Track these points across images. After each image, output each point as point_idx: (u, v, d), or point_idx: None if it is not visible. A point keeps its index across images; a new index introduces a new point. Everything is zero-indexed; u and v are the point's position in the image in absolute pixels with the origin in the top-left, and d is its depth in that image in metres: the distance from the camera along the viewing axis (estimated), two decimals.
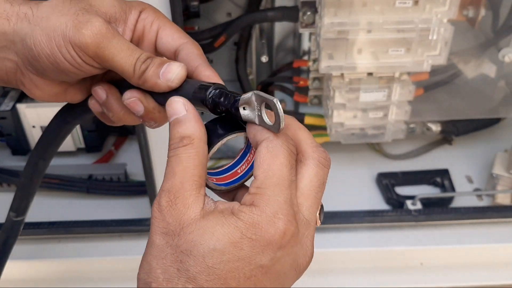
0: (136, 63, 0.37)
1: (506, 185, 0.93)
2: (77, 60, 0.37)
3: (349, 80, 0.87)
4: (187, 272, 0.32)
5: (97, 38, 0.36)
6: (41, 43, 0.36)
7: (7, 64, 0.39)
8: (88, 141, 1.04)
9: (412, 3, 0.76)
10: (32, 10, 0.37)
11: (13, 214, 0.52)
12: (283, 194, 0.33)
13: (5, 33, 0.37)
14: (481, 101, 1.05)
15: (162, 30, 0.41)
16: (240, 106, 0.34)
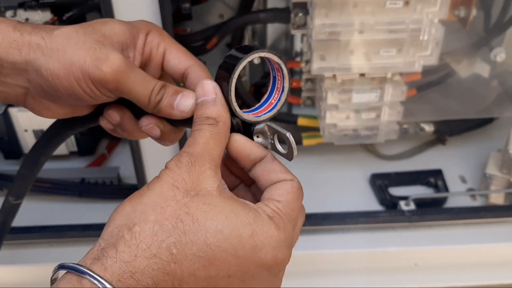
0: (152, 95, 0.39)
1: (500, 185, 0.93)
2: (96, 93, 0.38)
3: (342, 81, 0.87)
4: (181, 234, 0.32)
5: (117, 75, 0.37)
6: (59, 77, 0.37)
7: (18, 90, 0.40)
8: (81, 144, 1.04)
9: (403, 3, 0.76)
10: (45, 41, 0.38)
11: (13, 198, 0.55)
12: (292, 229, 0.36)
13: (16, 63, 0.38)
14: (474, 101, 1.05)
15: (168, 53, 0.42)
16: (254, 135, 0.38)
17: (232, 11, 1.04)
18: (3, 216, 0.57)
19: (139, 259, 0.31)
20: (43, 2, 0.94)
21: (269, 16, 0.89)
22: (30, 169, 0.53)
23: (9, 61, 0.38)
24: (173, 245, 0.31)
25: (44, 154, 0.51)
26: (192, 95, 0.39)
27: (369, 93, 0.87)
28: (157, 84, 0.39)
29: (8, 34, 0.38)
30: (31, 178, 0.53)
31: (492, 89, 1.05)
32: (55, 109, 0.41)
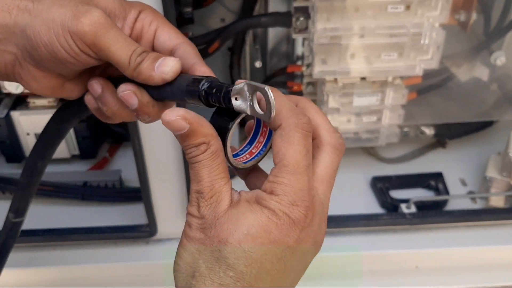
0: (132, 55, 0.38)
1: (500, 188, 0.94)
2: (74, 49, 0.37)
3: (343, 84, 0.87)
4: (225, 260, 0.34)
5: (95, 27, 0.37)
6: (40, 33, 0.37)
7: (6, 57, 0.39)
8: (83, 147, 1.04)
9: (404, 8, 0.77)
10: (33, 3, 0.38)
11: (12, 215, 0.52)
12: (299, 182, 0.35)
13: (6, 26, 0.38)
14: (474, 104, 1.05)
15: (160, 30, 0.41)
16: (232, 97, 0.34)
17: (234, 15, 1.05)
18: (3, 236, 0.54)
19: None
20: None
21: (271, 20, 0.89)
22: (28, 178, 0.51)
23: (1, 24, 0.38)
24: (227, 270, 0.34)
25: (42, 157, 0.49)
26: (175, 59, 0.38)
27: (370, 96, 0.87)
28: (139, 47, 0.39)
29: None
30: (29, 190, 0.52)
31: (492, 92, 1.06)
32: (41, 79, 0.41)
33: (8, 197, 1.00)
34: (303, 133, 0.35)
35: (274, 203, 0.34)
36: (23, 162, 1.04)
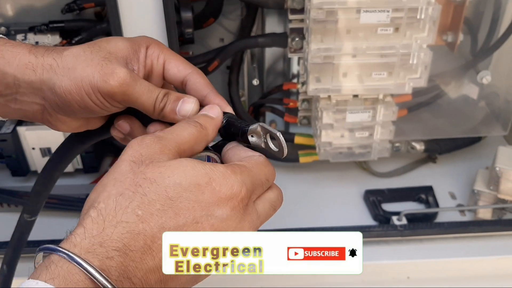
0: (156, 102, 0.42)
1: (487, 201, 0.97)
2: (105, 104, 0.42)
3: (336, 101, 0.92)
4: (143, 196, 0.34)
5: (123, 87, 0.41)
6: (71, 92, 0.41)
7: (34, 107, 0.43)
8: (86, 162, 1.07)
9: (393, 30, 0.81)
10: (56, 61, 0.41)
11: (28, 216, 0.58)
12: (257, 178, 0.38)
13: (32, 82, 0.42)
14: (462, 121, 1.10)
15: (168, 63, 0.45)
16: (248, 135, 0.41)
17: (233, 35, 1.09)
18: (18, 233, 0.60)
19: (106, 229, 0.33)
20: (53, 26, 1.00)
21: (268, 41, 0.94)
22: (44, 185, 0.56)
23: (25, 81, 0.41)
24: (137, 207, 0.34)
25: (58, 170, 0.55)
26: (192, 100, 0.43)
27: (362, 113, 0.92)
28: (160, 92, 0.43)
29: (24, 56, 0.41)
30: (45, 194, 0.56)
31: (480, 109, 1.10)
32: (69, 122, 0.45)
33: (12, 209, 1.03)
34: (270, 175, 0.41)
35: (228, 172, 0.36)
36: (28, 175, 1.08)
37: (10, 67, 0.41)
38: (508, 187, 0.93)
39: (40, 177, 0.55)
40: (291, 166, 1.10)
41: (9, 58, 0.41)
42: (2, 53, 0.41)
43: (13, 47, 0.42)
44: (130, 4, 0.65)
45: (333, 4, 0.78)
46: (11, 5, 1.04)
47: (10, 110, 0.43)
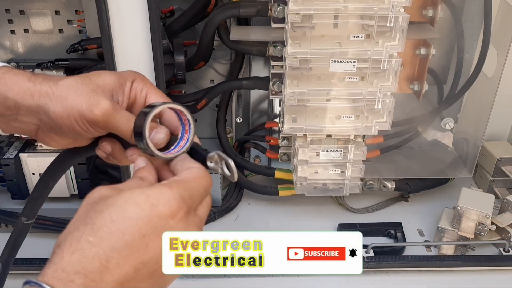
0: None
1: (451, 238, 1.04)
2: (90, 130, 0.49)
3: (311, 140, 1.00)
4: (92, 225, 0.39)
5: (105, 116, 0.48)
6: (62, 118, 0.48)
7: (31, 126, 0.51)
8: (81, 188, 1.15)
9: (359, 78, 0.91)
10: (52, 89, 0.48)
11: (25, 219, 0.63)
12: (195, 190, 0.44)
13: (29, 106, 0.49)
14: (432, 163, 1.18)
15: (149, 96, 0.52)
16: (207, 161, 0.48)
17: (222, 77, 1.20)
18: (15, 235, 0.66)
19: (65, 257, 0.38)
20: (58, 64, 1.10)
21: (251, 83, 1.04)
22: (40, 192, 0.62)
23: (24, 105, 0.49)
24: (89, 235, 0.39)
25: (53, 179, 0.62)
26: (164, 131, 0.49)
27: (334, 151, 1.00)
28: None
29: (24, 84, 0.49)
30: (41, 200, 0.63)
31: (449, 153, 1.19)
32: (59, 140, 0.53)
33: (10, 230, 1.10)
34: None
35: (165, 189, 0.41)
36: (27, 199, 1.15)
37: (11, 93, 0.48)
38: (468, 225, 1.01)
39: (37, 185, 0.62)
40: (271, 199, 1.17)
41: (11, 85, 0.48)
42: (5, 80, 0.49)
43: (15, 75, 0.49)
44: (124, 50, 0.75)
45: (305, 54, 0.88)
46: (22, 43, 1.16)
47: (10, 127, 0.52)
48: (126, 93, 0.51)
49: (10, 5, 1.11)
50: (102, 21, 0.74)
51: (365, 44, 0.89)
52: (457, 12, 1.01)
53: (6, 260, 0.68)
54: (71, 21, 1.13)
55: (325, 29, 0.90)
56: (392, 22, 0.84)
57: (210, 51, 1.06)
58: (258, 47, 1.00)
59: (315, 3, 0.85)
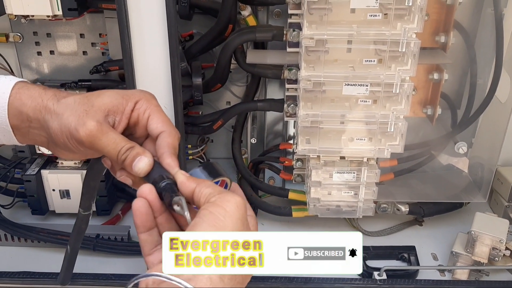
0: (118, 154, 0.50)
1: (465, 262, 1.04)
2: (80, 148, 0.51)
3: (324, 162, 1.02)
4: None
5: (89, 137, 0.49)
6: (57, 134, 0.51)
7: (42, 138, 0.55)
8: (99, 205, 1.18)
9: (372, 102, 0.93)
10: (53, 107, 0.51)
11: (82, 210, 0.71)
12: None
13: (39, 120, 0.52)
14: (446, 187, 1.18)
15: (151, 118, 0.53)
16: (173, 204, 0.46)
17: (238, 99, 1.22)
18: (78, 223, 0.74)
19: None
20: (81, 84, 1.15)
21: (266, 105, 1.06)
22: (86, 189, 0.69)
23: (35, 118, 0.52)
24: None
25: (93, 179, 0.67)
26: (146, 160, 0.49)
27: (348, 173, 1.01)
28: (124, 146, 0.50)
29: (35, 99, 0.52)
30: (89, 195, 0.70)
31: (463, 177, 1.19)
32: (67, 154, 0.55)
33: (29, 244, 1.13)
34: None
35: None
36: (46, 215, 1.19)
37: (24, 107, 0.52)
38: (482, 250, 1.00)
39: (83, 184, 0.69)
40: (285, 220, 1.18)
41: (24, 100, 0.52)
42: (20, 95, 0.52)
43: (28, 90, 0.52)
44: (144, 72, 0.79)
45: (319, 77, 0.90)
46: (47, 64, 1.21)
47: (25, 139, 0.55)
48: (127, 113, 0.52)
49: (37, 28, 1.16)
50: (124, 44, 0.78)
51: (377, 68, 0.91)
52: (470, 38, 1.03)
53: (74, 244, 0.78)
54: (95, 44, 1.18)
55: (338, 53, 0.93)
56: (404, 47, 0.86)
57: (227, 73, 1.09)
58: (273, 70, 1.02)
59: (329, 28, 0.87)
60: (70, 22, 1.14)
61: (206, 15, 1.14)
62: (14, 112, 0.52)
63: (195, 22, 1.14)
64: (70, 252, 0.80)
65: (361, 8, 0.87)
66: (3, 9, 0.99)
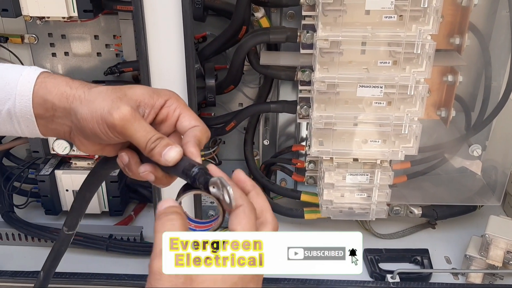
0: (148, 142, 0.50)
1: (479, 266, 1.03)
2: (109, 134, 0.51)
3: (337, 163, 1.02)
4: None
5: (122, 121, 0.49)
6: (86, 120, 0.51)
7: (65, 128, 0.55)
8: (112, 205, 1.19)
9: (386, 103, 0.92)
10: (85, 94, 0.52)
11: (66, 229, 0.67)
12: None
13: (65, 108, 0.53)
14: (460, 190, 1.17)
15: (182, 116, 0.53)
16: (210, 185, 0.46)
17: (251, 101, 1.23)
18: (58, 244, 0.70)
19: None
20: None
21: (279, 107, 1.06)
22: (79, 203, 0.66)
23: (60, 107, 0.52)
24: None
25: (89, 191, 0.65)
26: (177, 150, 0.49)
27: (361, 175, 1.01)
28: (154, 135, 0.49)
29: (62, 87, 0.52)
30: (80, 211, 0.66)
31: (477, 180, 1.18)
32: (88, 145, 0.55)
33: (42, 244, 1.14)
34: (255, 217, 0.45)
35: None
36: (60, 215, 1.19)
37: (50, 95, 0.52)
38: (496, 254, 0.99)
39: (76, 197, 0.66)
40: (297, 222, 1.18)
41: (50, 88, 0.52)
42: (46, 84, 0.52)
43: (55, 79, 0.53)
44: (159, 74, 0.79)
45: (333, 79, 0.90)
46: (62, 65, 1.22)
47: (48, 129, 0.55)
48: (156, 108, 0.52)
49: (52, 29, 1.17)
50: (140, 46, 0.78)
51: (392, 70, 0.91)
52: (485, 40, 1.02)
53: (48, 269, 0.71)
54: (109, 45, 1.19)
55: (353, 55, 0.92)
56: (419, 49, 0.86)
57: (240, 75, 1.10)
58: (286, 72, 1.02)
59: (344, 30, 0.87)
60: (84, 23, 1.15)
61: (220, 16, 1.14)
62: (39, 101, 0.53)
63: (208, 24, 1.15)
64: (42, 277, 0.73)
65: (376, 9, 0.87)
66: (19, 10, 1.00)
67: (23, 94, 0.52)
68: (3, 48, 1.18)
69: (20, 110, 0.53)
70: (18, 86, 0.53)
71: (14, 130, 0.55)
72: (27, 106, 0.53)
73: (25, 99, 0.53)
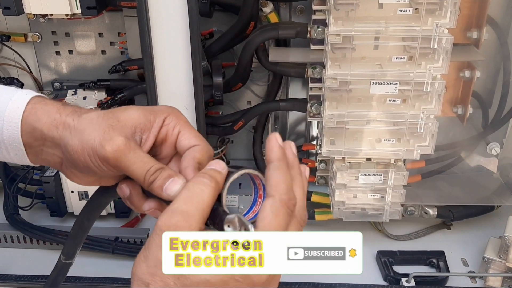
0: (146, 175, 0.45)
1: (497, 269, 0.99)
2: (102, 167, 0.46)
3: (350, 163, 0.98)
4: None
5: (116, 153, 0.44)
6: (77, 152, 0.46)
7: (55, 159, 0.50)
8: (118, 207, 1.16)
9: (401, 101, 0.89)
10: (74, 122, 0.46)
11: (63, 258, 0.62)
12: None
13: (53, 138, 0.48)
14: (476, 190, 1.13)
15: (182, 134, 0.48)
16: (225, 224, 0.41)
17: (259, 99, 1.19)
18: (55, 273, 0.65)
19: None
20: (100, 84, 1.13)
21: (288, 105, 1.03)
22: (77, 231, 0.61)
23: (50, 136, 0.47)
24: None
25: (87, 219, 0.59)
26: (180, 182, 0.44)
27: (374, 175, 0.97)
28: (153, 166, 0.44)
29: (52, 114, 0.47)
30: (78, 240, 0.61)
31: (494, 180, 1.14)
32: (82, 177, 0.50)
33: (48, 247, 1.12)
34: (288, 211, 0.40)
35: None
36: (65, 216, 1.17)
37: (39, 123, 0.47)
38: None
39: (74, 225, 0.61)
40: (308, 223, 1.13)
41: (40, 116, 0.47)
42: (35, 110, 0.48)
43: (45, 105, 0.48)
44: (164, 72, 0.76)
45: (345, 76, 0.86)
46: (66, 64, 1.19)
47: (38, 158, 0.50)
48: (155, 130, 0.48)
49: (56, 27, 1.15)
50: (144, 44, 0.75)
51: (407, 66, 0.87)
52: (503, 34, 0.98)
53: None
54: (114, 43, 1.16)
55: (365, 50, 0.89)
56: (435, 43, 0.82)
57: (248, 72, 1.06)
58: (296, 68, 0.99)
59: (356, 24, 0.84)
60: (88, 21, 1.13)
61: (227, 12, 1.11)
62: (27, 128, 0.48)
63: (215, 20, 1.11)
64: None
65: (390, 3, 0.83)
66: (21, 8, 0.97)
67: (11, 120, 0.48)
68: (7, 47, 1.16)
69: (8, 138, 0.48)
70: (6, 112, 0.48)
71: (3, 156, 0.50)
72: (15, 134, 0.48)
73: (13, 126, 0.48)
